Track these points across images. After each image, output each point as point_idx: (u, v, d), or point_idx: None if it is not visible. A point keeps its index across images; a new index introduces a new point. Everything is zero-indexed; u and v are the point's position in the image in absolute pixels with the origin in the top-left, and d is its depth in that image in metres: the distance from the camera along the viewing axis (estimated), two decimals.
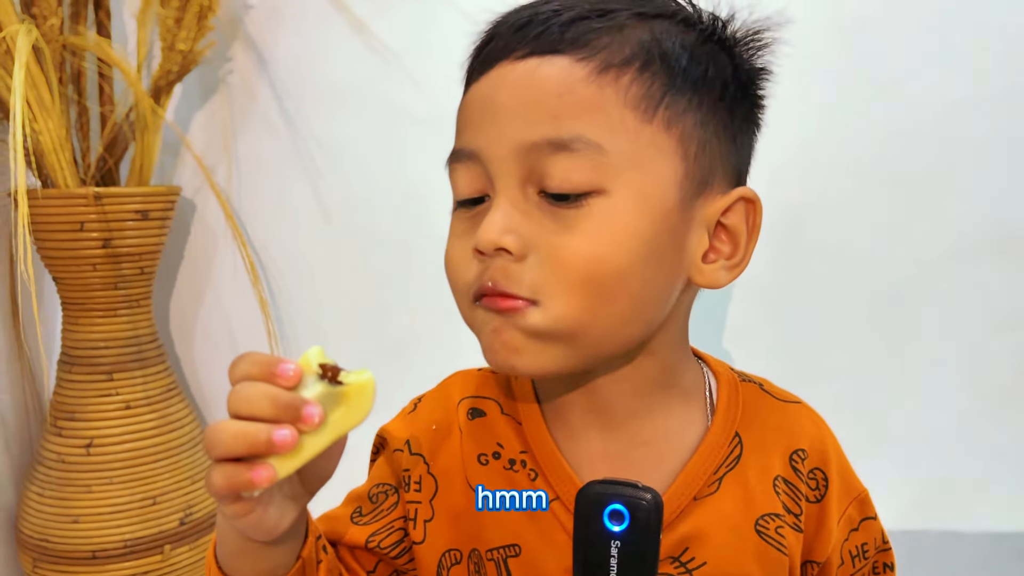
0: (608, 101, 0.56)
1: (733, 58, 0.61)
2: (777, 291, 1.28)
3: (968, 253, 1.24)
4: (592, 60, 0.56)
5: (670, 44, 0.58)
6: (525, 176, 0.56)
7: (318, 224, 1.37)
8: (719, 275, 0.61)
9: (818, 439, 0.67)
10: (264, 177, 1.37)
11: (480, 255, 0.57)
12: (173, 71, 1.23)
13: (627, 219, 0.56)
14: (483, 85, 0.59)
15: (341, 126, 1.34)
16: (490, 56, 0.59)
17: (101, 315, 1.23)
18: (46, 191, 1.15)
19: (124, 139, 1.29)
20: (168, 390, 1.29)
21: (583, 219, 0.55)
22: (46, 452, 1.23)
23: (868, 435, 1.29)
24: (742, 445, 0.64)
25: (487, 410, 0.69)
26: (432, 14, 1.27)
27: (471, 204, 0.61)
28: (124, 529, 1.20)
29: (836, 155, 1.23)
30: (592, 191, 0.55)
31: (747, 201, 0.61)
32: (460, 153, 0.60)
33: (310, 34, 1.32)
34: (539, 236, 0.55)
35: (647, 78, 0.56)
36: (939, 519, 1.32)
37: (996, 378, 1.28)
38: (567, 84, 0.55)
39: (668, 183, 0.57)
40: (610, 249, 0.55)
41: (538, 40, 0.57)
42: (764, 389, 0.69)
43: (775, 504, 0.63)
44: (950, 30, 1.19)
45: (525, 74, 0.57)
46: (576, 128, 0.55)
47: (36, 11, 1.15)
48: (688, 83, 0.58)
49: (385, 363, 1.37)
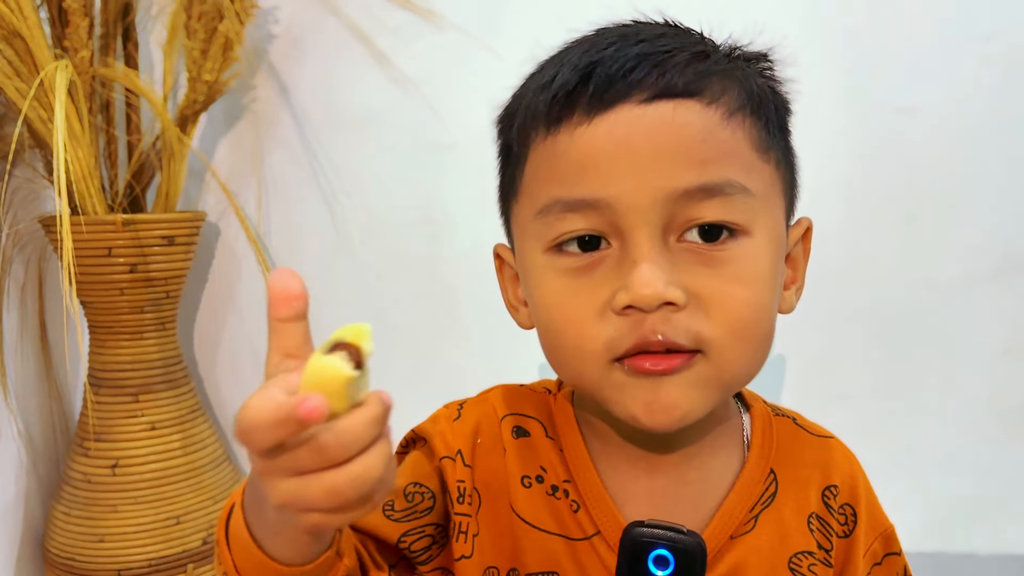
0: (741, 145, 0.56)
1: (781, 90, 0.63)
2: (791, 315, 1.29)
3: (981, 276, 1.25)
4: (719, 104, 0.55)
5: (759, 87, 0.59)
6: (667, 224, 0.55)
7: (339, 248, 1.40)
8: (792, 300, 0.64)
9: (849, 474, 0.67)
10: (287, 202, 1.40)
11: (629, 311, 0.54)
12: (199, 100, 1.26)
13: (768, 260, 0.57)
14: (605, 128, 0.55)
15: (362, 153, 1.37)
16: (604, 96, 0.55)
17: (128, 338, 1.25)
18: (75, 218, 1.19)
19: (151, 167, 1.32)
20: (192, 411, 1.31)
21: (735, 263, 0.55)
22: (73, 472, 1.26)
23: (883, 457, 1.28)
24: (777, 483, 0.64)
25: (531, 431, 0.67)
26: (451, 46, 1.30)
27: (581, 248, 0.57)
28: (149, 548, 1.22)
29: (848, 179, 1.25)
30: (739, 233, 0.56)
31: (808, 230, 0.64)
32: (580, 203, 0.56)
33: (333, 64, 1.35)
34: (695, 284, 0.54)
35: (758, 121, 0.58)
36: (956, 541, 1.32)
37: (1011, 400, 1.28)
38: (708, 128, 0.55)
39: (782, 220, 0.60)
40: (763, 291, 0.57)
41: (663, 84, 0.55)
42: (798, 424, 0.69)
43: (809, 542, 0.63)
44: (962, 54, 1.21)
45: (662, 118, 0.54)
46: (724, 172, 0.55)
47: (68, 44, 1.19)
48: (778, 122, 0.60)
49: (402, 385, 1.39)
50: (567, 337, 0.57)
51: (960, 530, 1.32)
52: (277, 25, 1.36)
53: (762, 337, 0.57)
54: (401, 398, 1.53)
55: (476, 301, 1.35)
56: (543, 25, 1.25)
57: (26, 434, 1.34)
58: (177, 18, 1.28)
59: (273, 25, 1.36)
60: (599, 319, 0.56)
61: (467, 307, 1.36)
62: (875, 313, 1.28)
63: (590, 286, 0.56)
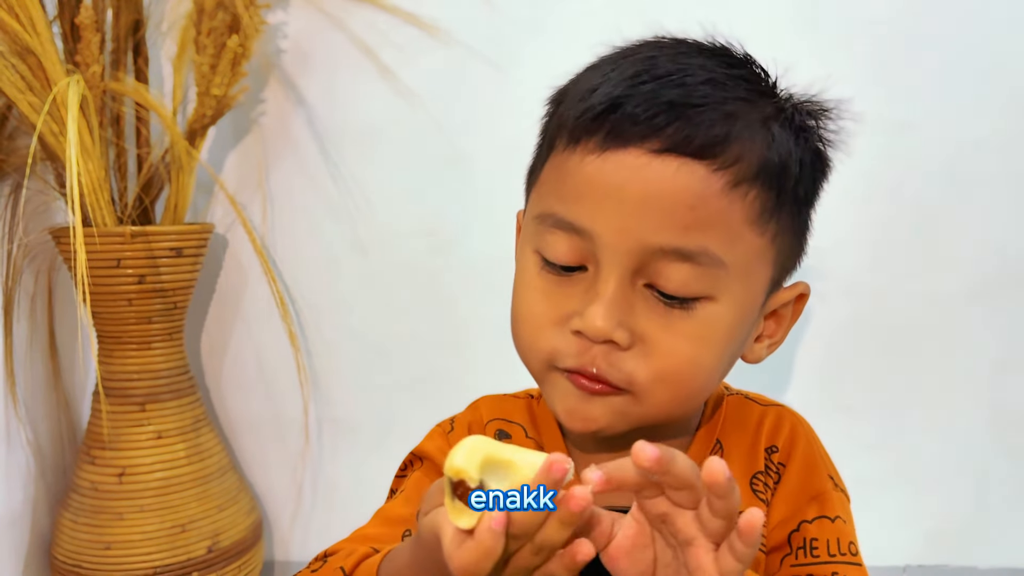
0: (734, 217, 0.58)
1: (820, 155, 0.64)
2: (793, 329, 1.30)
3: (981, 291, 1.26)
4: (726, 173, 0.57)
5: (786, 156, 0.60)
6: (637, 269, 0.58)
7: (345, 260, 1.42)
8: (762, 352, 0.67)
9: (789, 437, 0.70)
10: (293, 215, 1.42)
11: (579, 335, 0.59)
12: (208, 114, 1.28)
13: (727, 324, 0.60)
14: (611, 167, 0.58)
15: (367, 166, 1.39)
16: (621, 134, 0.57)
17: (135, 348, 1.27)
18: (86, 229, 1.20)
19: (160, 179, 1.34)
20: (198, 421, 1.33)
21: (689, 321, 0.59)
22: (80, 480, 1.27)
23: (884, 470, 1.30)
24: (722, 450, 0.68)
25: (512, 433, 0.72)
26: (456, 62, 1.33)
27: (562, 268, 0.62)
28: (154, 556, 1.23)
29: (851, 194, 1.26)
30: (703, 297, 0.59)
31: (802, 296, 0.67)
32: (569, 225, 0.60)
33: (339, 79, 1.37)
34: (645, 330, 0.59)
35: (767, 193, 0.59)
36: (956, 554, 1.33)
37: (1012, 414, 1.29)
38: (701, 196, 0.56)
39: (760, 290, 0.62)
40: (709, 352, 0.60)
41: (678, 139, 0.56)
42: (748, 397, 0.73)
43: (753, 502, 0.66)
44: (964, 72, 1.22)
45: (661, 175, 0.56)
46: (703, 241, 0.57)
47: (79, 59, 1.21)
48: (793, 195, 0.61)
49: (406, 395, 1.40)
50: (524, 329, 0.64)
51: (960, 543, 1.32)
52: (285, 40, 1.39)
53: (690, 392, 0.62)
54: (403, 406, 1.55)
55: (478, 313, 1.36)
56: (547, 42, 1.28)
57: (34, 442, 1.36)
58: (187, 33, 1.30)
59: (281, 40, 1.39)
60: (554, 328, 0.61)
61: (469, 319, 1.37)
62: (876, 327, 1.29)
63: (559, 297, 0.61)
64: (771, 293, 0.64)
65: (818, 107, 0.64)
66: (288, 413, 1.44)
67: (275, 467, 1.49)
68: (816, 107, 0.64)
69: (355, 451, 1.45)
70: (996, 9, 1.21)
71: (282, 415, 1.46)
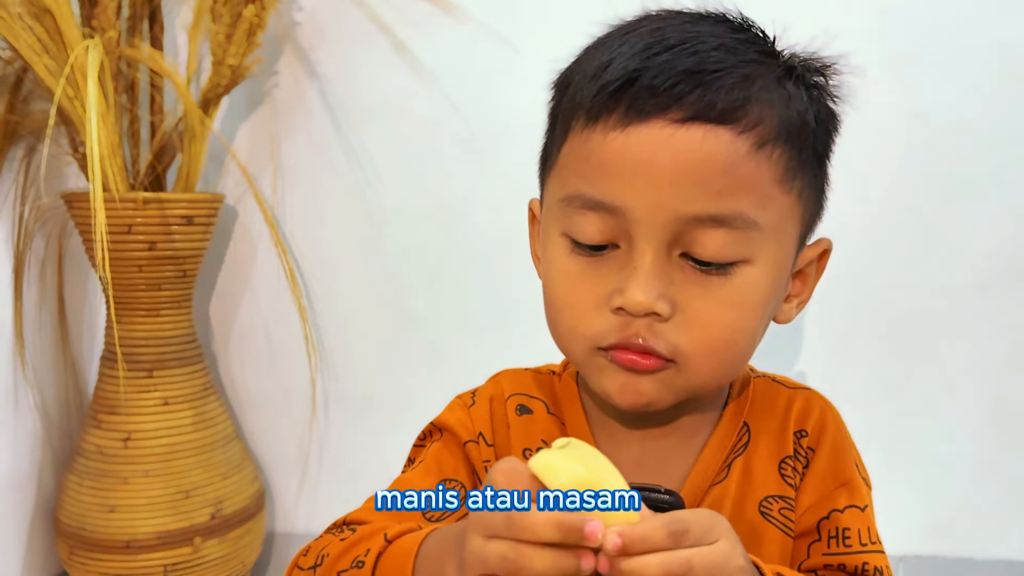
0: (763, 178, 0.58)
1: (831, 111, 0.65)
2: (800, 317, 1.30)
3: (986, 284, 1.26)
4: (750, 135, 0.57)
5: (803, 111, 0.60)
6: (672, 240, 0.58)
7: (355, 233, 1.42)
8: (791, 313, 0.67)
9: (819, 420, 0.69)
10: (305, 187, 1.43)
11: (620, 312, 0.59)
12: (222, 84, 1.28)
13: (765, 287, 0.60)
14: (636, 141, 0.57)
15: (379, 141, 1.39)
16: (642, 108, 0.57)
17: (144, 314, 1.28)
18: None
19: (172, 147, 1.35)
20: (204, 389, 1.34)
21: (728, 287, 0.59)
22: (86, 444, 1.28)
23: (884, 461, 1.30)
24: (750, 433, 0.69)
25: (534, 408, 0.72)
26: (469, 38, 1.33)
27: (591, 248, 0.61)
28: (157, 521, 1.24)
29: (856, 183, 1.26)
30: (740, 261, 0.59)
31: (826, 251, 0.67)
32: (599, 204, 0.59)
33: (354, 53, 1.37)
34: (685, 300, 0.59)
35: (790, 151, 0.59)
36: (953, 545, 1.33)
37: (1012, 407, 1.29)
38: (731, 161, 0.57)
39: (791, 248, 0.63)
40: (750, 317, 0.61)
41: (700, 106, 0.56)
42: (775, 380, 0.73)
43: (782, 487, 0.67)
44: (975, 61, 1.22)
45: (689, 145, 0.57)
46: (737, 206, 0.57)
47: (96, 23, 1.21)
48: (814, 151, 0.62)
49: (414, 371, 1.41)
50: (564, 317, 0.63)
51: (959, 534, 1.33)
52: (300, 13, 1.39)
53: (735, 358, 0.62)
54: (411, 381, 1.56)
55: (487, 290, 1.37)
56: (561, 20, 1.27)
57: (42, 405, 1.37)
58: (203, 2, 1.30)
59: (297, 12, 1.39)
60: (595, 310, 0.61)
61: (478, 296, 1.38)
62: (882, 317, 1.30)
63: (595, 278, 0.61)
64: (799, 251, 0.65)
65: (821, 63, 0.65)
66: (295, 385, 1.45)
67: (280, 439, 1.50)
68: (820, 63, 0.65)
69: (361, 425, 1.46)
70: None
71: (289, 387, 1.46)
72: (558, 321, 0.64)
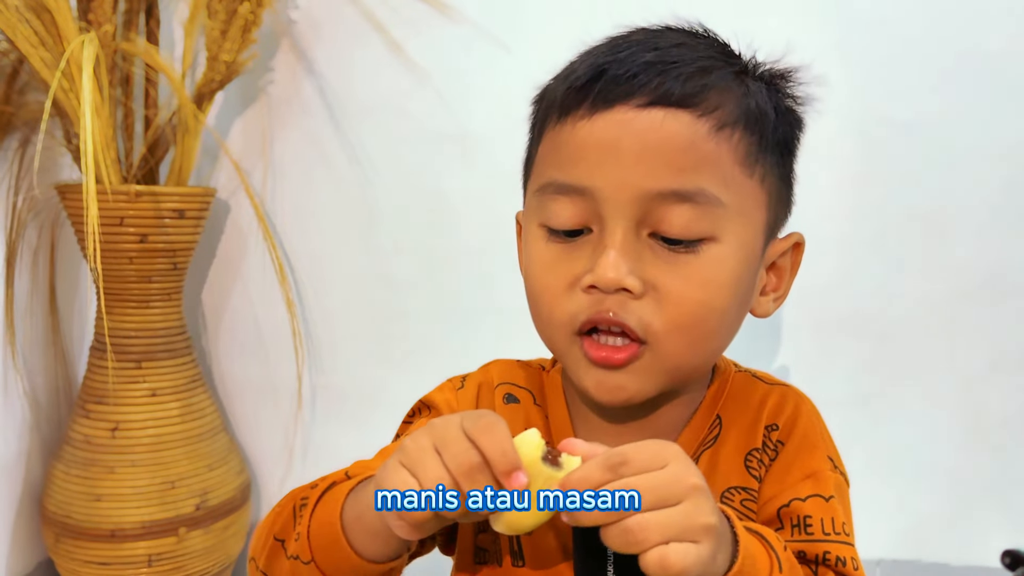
0: (723, 157, 0.61)
1: (792, 108, 0.68)
2: (778, 322, 1.32)
3: (969, 294, 1.28)
4: (710, 118, 0.61)
5: (763, 103, 0.64)
6: (640, 219, 0.61)
7: (346, 229, 1.43)
8: (769, 306, 0.70)
9: (792, 416, 0.70)
10: (297, 183, 1.44)
11: (592, 290, 0.61)
12: (216, 79, 1.29)
13: (732, 265, 0.63)
14: (601, 125, 0.61)
15: (371, 138, 1.40)
16: (607, 96, 0.61)
17: (134, 306, 1.29)
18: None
19: (166, 141, 1.36)
20: (192, 381, 1.35)
21: (696, 264, 0.61)
22: (74, 433, 1.29)
23: (863, 466, 1.31)
24: (721, 425, 0.70)
25: (521, 398, 0.74)
26: (463, 39, 1.34)
27: (566, 235, 0.64)
28: (143, 510, 1.25)
29: (840, 193, 1.27)
30: (706, 238, 0.61)
31: (798, 244, 0.70)
32: (569, 187, 0.62)
33: (348, 51, 1.39)
34: (654, 277, 0.61)
35: (750, 136, 0.62)
36: (930, 551, 1.35)
37: (991, 415, 1.31)
38: (691, 140, 0.60)
39: (758, 232, 0.65)
40: (719, 294, 0.62)
41: (660, 92, 0.60)
42: (755, 376, 0.74)
43: (745, 478, 0.68)
44: (961, 71, 1.24)
45: (651, 125, 0.60)
46: (699, 181, 0.60)
47: (92, 17, 1.22)
48: (774, 140, 0.65)
49: (400, 367, 1.42)
50: (542, 304, 0.65)
51: (934, 540, 1.35)
52: (296, 10, 1.40)
53: (705, 335, 0.64)
54: (398, 377, 1.57)
55: (476, 289, 1.38)
56: (554, 22, 1.29)
57: (31, 393, 1.38)
58: None
59: (292, 10, 1.40)
60: (568, 292, 0.63)
61: (467, 295, 1.39)
62: (864, 324, 1.31)
63: (569, 262, 0.63)
64: (768, 241, 0.67)
65: (782, 69, 0.68)
66: (282, 379, 1.47)
67: (267, 432, 1.51)
68: (781, 69, 0.68)
69: (347, 419, 1.47)
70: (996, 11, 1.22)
71: (276, 380, 1.48)
72: (536, 310, 0.66)
